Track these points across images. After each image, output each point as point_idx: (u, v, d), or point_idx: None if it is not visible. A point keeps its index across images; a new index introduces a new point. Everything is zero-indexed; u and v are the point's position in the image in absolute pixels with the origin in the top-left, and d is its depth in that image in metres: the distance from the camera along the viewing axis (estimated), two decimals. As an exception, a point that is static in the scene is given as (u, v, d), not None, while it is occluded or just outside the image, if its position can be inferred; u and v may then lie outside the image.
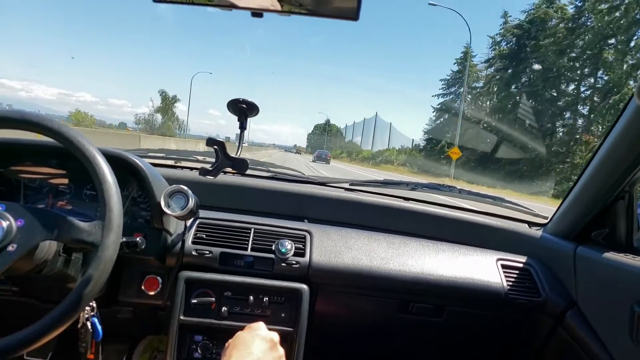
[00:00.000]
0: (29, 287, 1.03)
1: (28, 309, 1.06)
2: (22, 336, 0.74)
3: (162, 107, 52.19)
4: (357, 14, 0.62)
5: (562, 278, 1.31)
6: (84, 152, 0.84)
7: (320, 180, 1.71)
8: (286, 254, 1.21)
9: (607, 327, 1.12)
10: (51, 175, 1.20)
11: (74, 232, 0.80)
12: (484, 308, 1.30)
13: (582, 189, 1.26)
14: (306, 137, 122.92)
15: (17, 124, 0.85)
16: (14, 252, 0.77)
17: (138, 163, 1.12)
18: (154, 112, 52.83)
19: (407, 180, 1.82)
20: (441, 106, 45.59)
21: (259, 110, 1.07)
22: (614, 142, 1.12)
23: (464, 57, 40.41)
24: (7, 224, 0.77)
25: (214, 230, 1.23)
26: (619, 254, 1.13)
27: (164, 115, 52.39)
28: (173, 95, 53.04)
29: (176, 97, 53.10)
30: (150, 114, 53.06)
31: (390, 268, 1.25)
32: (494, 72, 37.36)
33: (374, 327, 1.40)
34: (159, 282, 1.16)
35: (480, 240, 1.48)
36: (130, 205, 1.18)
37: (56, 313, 0.76)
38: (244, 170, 1.08)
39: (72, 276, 0.94)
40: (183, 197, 1.10)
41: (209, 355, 1.12)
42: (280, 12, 0.62)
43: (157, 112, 52.68)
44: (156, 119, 52.96)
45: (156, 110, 52.63)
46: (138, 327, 1.46)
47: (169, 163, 1.65)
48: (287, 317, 1.15)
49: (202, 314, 1.13)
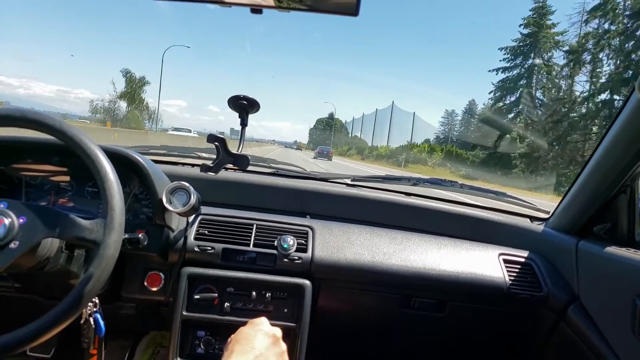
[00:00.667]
0: (32, 284, 1.04)
1: (30, 306, 1.06)
2: (25, 333, 0.75)
3: (127, 93, 39.49)
4: (357, 9, 0.62)
5: (564, 272, 1.31)
6: (86, 149, 0.84)
7: (322, 176, 1.71)
8: (288, 250, 1.21)
9: (609, 321, 1.12)
10: (53, 172, 1.20)
11: (76, 229, 0.81)
12: (486, 303, 1.30)
13: (584, 183, 1.26)
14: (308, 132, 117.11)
15: (18, 122, 0.85)
16: (16, 249, 0.77)
17: (140, 160, 1.12)
18: (117, 99, 39.61)
19: (408, 175, 1.82)
20: (506, 82, 34.72)
21: (259, 107, 1.06)
22: (615, 135, 1.11)
23: (536, 15, 31.27)
24: (9, 221, 0.78)
25: (216, 227, 1.23)
26: (620, 249, 1.13)
27: (130, 103, 39.59)
28: (140, 77, 40.09)
29: (144, 79, 40.04)
30: (112, 100, 39.54)
31: (392, 263, 1.25)
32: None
33: (376, 322, 1.41)
34: (161, 278, 1.16)
35: (482, 235, 1.48)
36: (132, 202, 1.19)
37: (59, 310, 0.76)
38: (245, 166, 1.08)
39: (74, 273, 0.94)
40: (185, 194, 1.10)
41: (211, 350, 1.13)
42: (280, 8, 0.62)
43: (122, 98, 39.55)
44: (119, 108, 40.17)
45: (120, 96, 39.45)
46: (141, 323, 1.47)
47: (170, 160, 1.65)
48: (290, 312, 1.16)
49: (204, 310, 1.13)
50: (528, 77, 33.61)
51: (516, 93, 34.10)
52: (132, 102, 39.24)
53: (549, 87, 32.14)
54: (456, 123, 56.95)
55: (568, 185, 1.34)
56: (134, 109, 39.26)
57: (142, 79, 39.85)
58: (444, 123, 58.33)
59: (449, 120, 57.83)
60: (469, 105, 52.13)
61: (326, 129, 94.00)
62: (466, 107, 52.82)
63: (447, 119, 57.93)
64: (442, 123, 57.81)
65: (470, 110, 51.18)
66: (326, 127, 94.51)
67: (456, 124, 56.83)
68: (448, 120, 57.77)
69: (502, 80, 35.09)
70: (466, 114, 52.39)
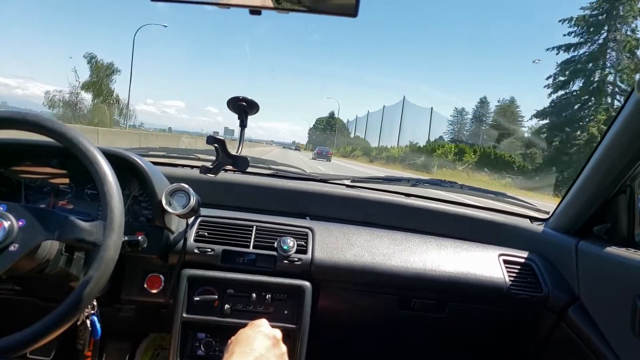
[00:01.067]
0: (31, 286, 1.04)
1: (30, 308, 1.06)
2: (25, 335, 0.75)
3: (92, 83, 31.63)
4: (356, 10, 0.62)
5: (564, 273, 1.31)
6: (85, 151, 0.84)
7: (322, 178, 1.71)
8: (288, 251, 1.21)
9: (609, 322, 1.12)
10: (52, 175, 1.20)
11: (76, 232, 0.81)
12: (485, 303, 1.30)
13: (584, 184, 1.26)
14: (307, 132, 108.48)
15: (18, 124, 0.85)
16: (15, 252, 0.77)
17: (139, 162, 1.12)
18: (79, 89, 31.53)
19: (408, 176, 1.82)
20: (575, 65, 26.03)
21: (259, 108, 1.06)
22: (614, 136, 1.11)
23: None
24: (9, 224, 0.78)
25: (215, 228, 1.23)
26: (620, 249, 1.13)
27: (97, 95, 31.66)
28: (109, 63, 32.25)
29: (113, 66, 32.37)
30: (74, 92, 31.36)
31: (392, 264, 1.25)
32: None
33: (376, 324, 1.41)
34: (161, 280, 1.16)
35: (482, 236, 1.48)
36: (132, 204, 1.19)
37: (58, 312, 0.76)
38: (244, 168, 1.08)
39: (74, 275, 0.94)
40: (184, 196, 1.10)
41: (211, 352, 1.13)
42: (279, 10, 0.62)
43: (85, 89, 31.57)
44: (82, 101, 31.99)
45: (83, 87, 31.42)
46: (141, 325, 1.47)
47: (169, 161, 1.65)
48: (290, 314, 1.16)
49: (204, 312, 1.13)
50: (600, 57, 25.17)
51: (587, 76, 25.74)
52: (100, 94, 31.70)
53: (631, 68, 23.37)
54: (466, 122, 51.74)
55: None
56: (100, 103, 31.41)
57: (111, 65, 32.26)
58: (453, 122, 52.38)
59: (458, 119, 52.72)
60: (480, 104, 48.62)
61: (327, 128, 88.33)
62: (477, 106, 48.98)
63: (456, 117, 52.75)
64: (451, 122, 52.27)
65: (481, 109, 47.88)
66: (327, 127, 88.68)
67: (466, 123, 51.73)
68: (458, 119, 52.75)
69: (567, 62, 26.54)
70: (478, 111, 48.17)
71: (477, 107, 48.88)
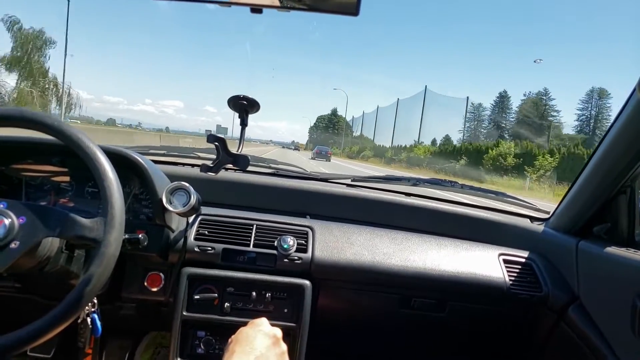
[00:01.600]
0: (32, 284, 1.04)
1: (31, 306, 1.06)
2: (25, 333, 0.75)
3: (16, 58, 23.26)
4: (358, 8, 0.62)
5: (564, 273, 1.31)
6: (85, 149, 0.84)
7: (322, 177, 1.71)
8: (288, 250, 1.21)
9: (609, 322, 1.12)
10: (53, 173, 1.20)
11: (76, 228, 0.81)
12: (485, 303, 1.30)
13: (584, 184, 1.26)
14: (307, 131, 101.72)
15: (17, 122, 0.85)
16: (16, 249, 0.77)
17: (139, 160, 1.12)
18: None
19: (408, 175, 1.83)
20: None
21: (259, 107, 1.07)
22: (615, 136, 1.11)
23: None
24: (9, 221, 0.78)
25: (216, 227, 1.23)
26: (620, 249, 1.13)
27: (28, 77, 23.40)
28: (38, 30, 23.64)
29: (44, 36, 23.72)
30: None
31: (392, 263, 1.25)
32: None
33: (376, 323, 1.41)
34: (161, 279, 1.16)
35: (482, 235, 1.48)
36: (132, 202, 1.19)
37: (59, 310, 0.76)
38: (245, 166, 1.08)
39: (74, 273, 0.94)
40: (185, 194, 1.10)
41: (211, 350, 1.13)
42: (280, 8, 0.62)
43: (6, 67, 23.33)
44: (3, 84, 23.20)
45: (6, 63, 23.24)
46: (141, 323, 1.47)
47: (170, 160, 1.65)
48: (290, 312, 1.16)
49: (204, 310, 1.13)
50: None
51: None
52: (30, 75, 23.48)
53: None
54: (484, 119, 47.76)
55: None
56: (28, 86, 23.39)
57: (41, 34, 23.20)
58: (470, 119, 47.15)
59: (475, 115, 47.95)
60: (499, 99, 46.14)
61: (329, 126, 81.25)
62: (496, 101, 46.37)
63: (473, 114, 47.74)
64: (468, 119, 46.67)
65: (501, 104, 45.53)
66: (329, 125, 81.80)
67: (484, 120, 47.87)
68: (475, 116, 48.10)
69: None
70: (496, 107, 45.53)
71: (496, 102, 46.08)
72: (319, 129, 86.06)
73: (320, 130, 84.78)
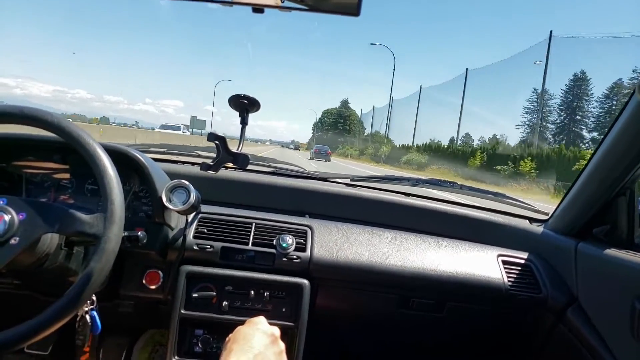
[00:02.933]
0: (31, 281, 1.04)
1: (29, 302, 1.06)
2: (23, 329, 0.75)
3: None
4: (358, 9, 0.62)
5: (563, 274, 1.31)
6: (84, 145, 0.84)
7: (321, 176, 1.72)
8: (287, 249, 1.21)
9: (608, 323, 1.12)
10: (53, 170, 1.20)
11: (76, 224, 0.81)
12: (484, 304, 1.30)
13: (583, 185, 1.26)
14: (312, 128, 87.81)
15: (16, 119, 0.85)
16: (16, 245, 0.77)
17: (140, 158, 1.12)
18: None
19: (408, 176, 1.83)
20: None
21: (260, 106, 1.07)
22: (615, 138, 1.11)
23: None
24: (9, 217, 0.78)
25: (215, 225, 1.23)
26: (620, 251, 1.13)
27: None
28: None
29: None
30: None
31: (391, 263, 1.26)
32: None
33: (374, 322, 1.41)
34: (160, 276, 1.16)
35: (481, 236, 1.48)
36: (132, 199, 1.19)
37: (57, 306, 0.76)
38: (245, 165, 1.08)
39: (73, 270, 0.95)
40: (184, 192, 1.10)
41: (209, 349, 1.13)
42: (281, 8, 0.62)
43: None
44: None
45: None
46: (139, 320, 1.47)
47: (170, 158, 1.66)
48: (288, 311, 1.16)
49: (203, 308, 1.13)
50: None
51: None
52: None
53: None
54: (552, 109, 33.89)
55: None
56: None
57: None
58: (531, 110, 35.06)
59: (540, 103, 31.75)
60: (574, 81, 32.43)
61: (338, 121, 67.68)
62: (570, 85, 32.64)
63: (536, 102, 33.46)
64: (529, 109, 35.43)
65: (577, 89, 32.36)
66: (338, 120, 68.23)
67: (552, 111, 34.05)
68: (539, 104, 32.19)
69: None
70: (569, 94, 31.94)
71: (570, 87, 33.07)
72: (326, 125, 73.61)
73: (327, 126, 72.75)
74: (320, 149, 33.39)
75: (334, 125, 69.33)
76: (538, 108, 31.22)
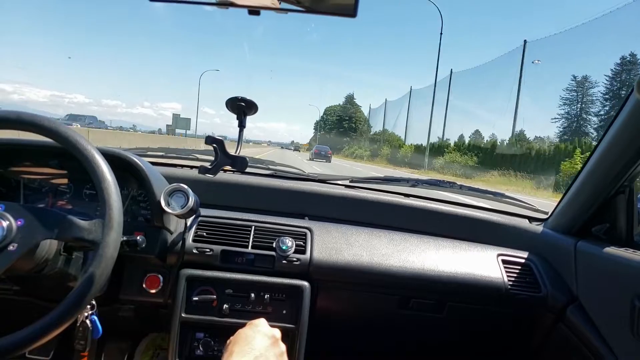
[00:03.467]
0: (30, 287, 1.03)
1: (29, 308, 1.06)
2: (24, 335, 0.75)
3: None
4: (355, 10, 0.62)
5: (562, 273, 1.31)
6: (82, 150, 0.84)
7: (321, 178, 1.71)
8: (287, 251, 1.21)
9: (608, 322, 1.12)
10: (51, 175, 1.20)
11: (74, 230, 0.81)
12: (484, 304, 1.30)
13: (582, 184, 1.26)
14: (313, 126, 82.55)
15: (14, 124, 0.85)
16: (14, 251, 0.77)
17: (137, 162, 1.12)
18: None
19: (407, 176, 1.83)
20: None
21: (257, 109, 1.07)
22: (613, 136, 1.12)
23: None
24: (7, 223, 0.78)
25: (214, 228, 1.23)
26: (619, 249, 1.13)
27: None
28: None
29: None
30: None
31: (391, 264, 1.25)
32: None
33: (375, 323, 1.41)
34: (160, 280, 1.16)
35: (480, 236, 1.48)
36: (130, 204, 1.19)
37: (57, 312, 0.76)
38: (243, 168, 1.08)
39: (73, 275, 0.94)
40: (183, 196, 1.10)
41: (210, 352, 1.13)
42: (278, 10, 0.62)
43: None
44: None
45: None
46: (140, 325, 1.46)
47: (168, 162, 1.65)
48: (289, 313, 1.16)
49: (203, 312, 1.13)
50: None
51: None
52: None
53: None
54: (595, 98, 30.07)
55: None
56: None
57: None
58: (571, 100, 31.17)
59: (582, 91, 30.55)
60: (621, 64, 27.99)
61: (343, 119, 62.12)
62: (616, 70, 28.38)
63: (575, 93, 30.84)
64: (567, 100, 31.27)
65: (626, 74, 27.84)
66: (342, 117, 62.56)
67: (595, 101, 30.12)
68: (579, 94, 30.83)
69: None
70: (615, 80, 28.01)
71: (616, 73, 28.79)
72: (329, 124, 67.77)
73: (331, 124, 66.60)
74: (320, 149, 32.75)
75: (339, 123, 63.93)
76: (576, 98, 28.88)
